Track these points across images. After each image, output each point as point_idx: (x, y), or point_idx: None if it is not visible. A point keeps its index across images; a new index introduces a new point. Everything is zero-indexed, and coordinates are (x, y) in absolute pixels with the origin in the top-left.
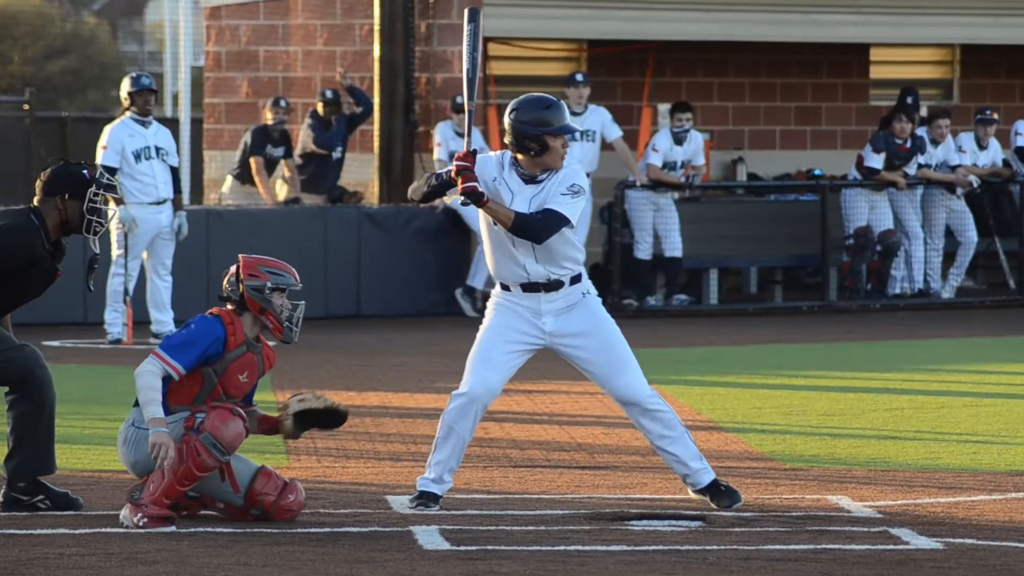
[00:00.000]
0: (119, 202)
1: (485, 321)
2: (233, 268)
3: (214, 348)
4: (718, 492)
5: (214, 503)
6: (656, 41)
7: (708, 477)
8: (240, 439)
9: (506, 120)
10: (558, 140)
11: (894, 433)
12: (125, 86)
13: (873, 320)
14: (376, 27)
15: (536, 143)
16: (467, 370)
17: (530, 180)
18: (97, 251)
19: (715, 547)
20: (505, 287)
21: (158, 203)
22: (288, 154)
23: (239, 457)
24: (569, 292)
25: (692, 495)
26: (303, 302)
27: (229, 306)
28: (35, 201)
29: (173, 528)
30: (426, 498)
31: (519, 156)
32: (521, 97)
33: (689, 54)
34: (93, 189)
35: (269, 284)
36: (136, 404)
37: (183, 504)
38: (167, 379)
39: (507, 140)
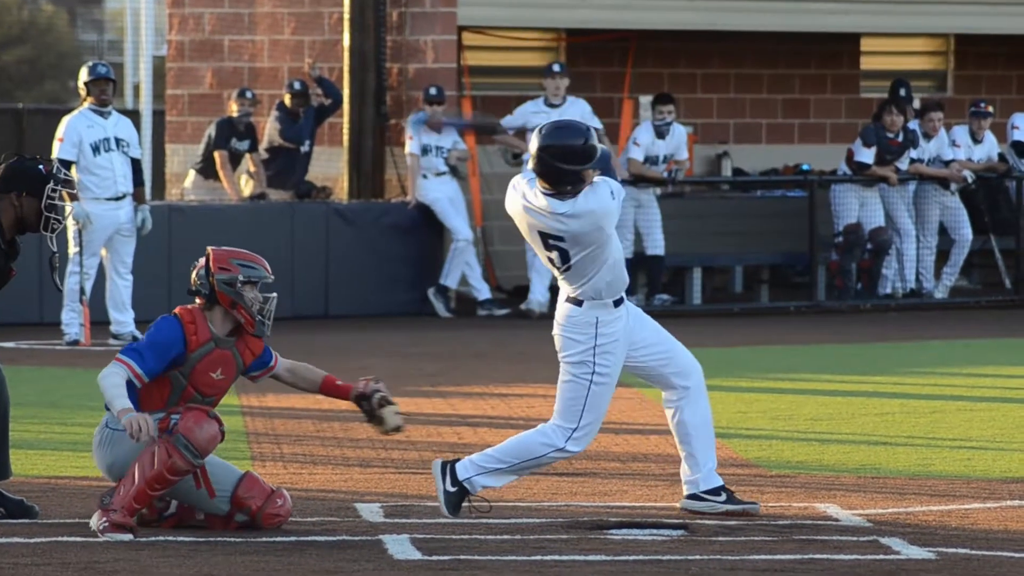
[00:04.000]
0: (74, 198)
1: (607, 366)
2: (202, 261)
3: (176, 350)
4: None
5: (193, 516)
6: (637, 30)
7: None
8: (215, 442)
9: (532, 149)
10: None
11: (885, 439)
12: (82, 76)
13: (863, 321)
14: (346, 15)
15: (572, 178)
16: (586, 427)
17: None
18: (55, 249)
19: (698, 557)
20: (616, 303)
21: (116, 199)
22: (254, 147)
23: (222, 464)
24: None
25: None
26: (275, 294)
27: (198, 301)
28: None
29: (130, 536)
30: (467, 497)
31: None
32: (549, 127)
33: (672, 43)
34: (51, 185)
35: (240, 277)
36: (108, 409)
37: (153, 518)
38: (134, 387)
39: (533, 167)
